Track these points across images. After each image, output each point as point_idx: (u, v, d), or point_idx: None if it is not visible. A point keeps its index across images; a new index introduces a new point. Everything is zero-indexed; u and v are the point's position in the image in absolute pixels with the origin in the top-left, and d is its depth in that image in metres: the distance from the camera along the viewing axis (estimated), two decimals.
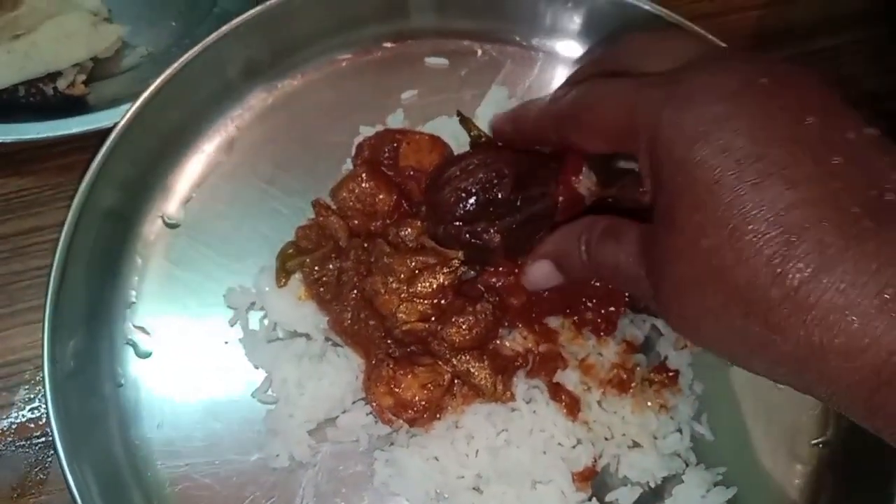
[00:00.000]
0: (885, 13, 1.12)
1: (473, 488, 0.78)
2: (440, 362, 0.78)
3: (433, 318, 0.79)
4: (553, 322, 0.83)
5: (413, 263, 0.80)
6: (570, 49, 1.02)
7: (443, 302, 0.80)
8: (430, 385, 0.77)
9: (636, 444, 0.82)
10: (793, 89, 0.54)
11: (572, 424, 0.80)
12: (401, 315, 0.79)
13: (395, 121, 0.96)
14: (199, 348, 0.85)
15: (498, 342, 0.81)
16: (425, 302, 0.79)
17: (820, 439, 0.86)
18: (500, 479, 0.77)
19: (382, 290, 0.79)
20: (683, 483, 0.82)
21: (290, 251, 0.84)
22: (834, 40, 1.11)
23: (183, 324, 0.87)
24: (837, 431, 0.86)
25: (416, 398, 0.77)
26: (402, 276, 0.80)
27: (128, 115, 0.86)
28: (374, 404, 0.79)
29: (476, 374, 0.78)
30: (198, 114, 0.94)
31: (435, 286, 0.79)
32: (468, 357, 0.78)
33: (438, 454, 0.77)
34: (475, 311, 0.78)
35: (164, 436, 0.82)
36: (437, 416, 0.79)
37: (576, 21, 0.99)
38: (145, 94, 0.87)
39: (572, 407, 0.80)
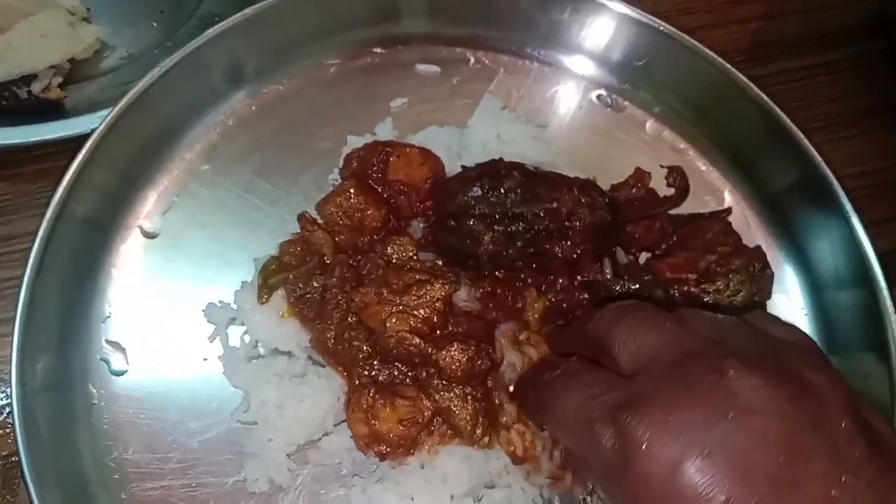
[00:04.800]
0: (881, 27, 1.11)
1: None
2: (422, 396, 0.76)
3: (422, 337, 0.77)
4: None
5: (408, 277, 0.79)
6: (564, 59, 1.00)
7: (435, 319, 0.77)
8: (407, 421, 0.75)
9: None
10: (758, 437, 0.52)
11: None
12: (390, 324, 0.77)
13: (384, 130, 0.93)
14: (177, 365, 0.82)
15: (491, 385, 0.78)
16: (417, 314, 0.77)
17: None
18: None
19: (375, 301, 0.77)
20: None
21: (273, 266, 0.81)
22: (830, 54, 1.10)
23: (160, 339, 0.84)
24: None
25: (392, 434, 0.75)
26: (395, 286, 0.78)
27: (106, 121, 0.83)
28: (352, 430, 0.77)
29: (457, 413, 0.75)
30: (179, 120, 0.91)
31: (428, 298, 0.77)
32: (452, 395, 0.76)
33: (413, 493, 0.75)
34: (478, 346, 0.76)
35: (138, 457, 0.79)
36: (411, 451, 0.77)
37: (571, 30, 0.97)
38: (125, 100, 0.84)
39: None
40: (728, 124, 0.95)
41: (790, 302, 0.92)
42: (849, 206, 0.86)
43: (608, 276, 0.82)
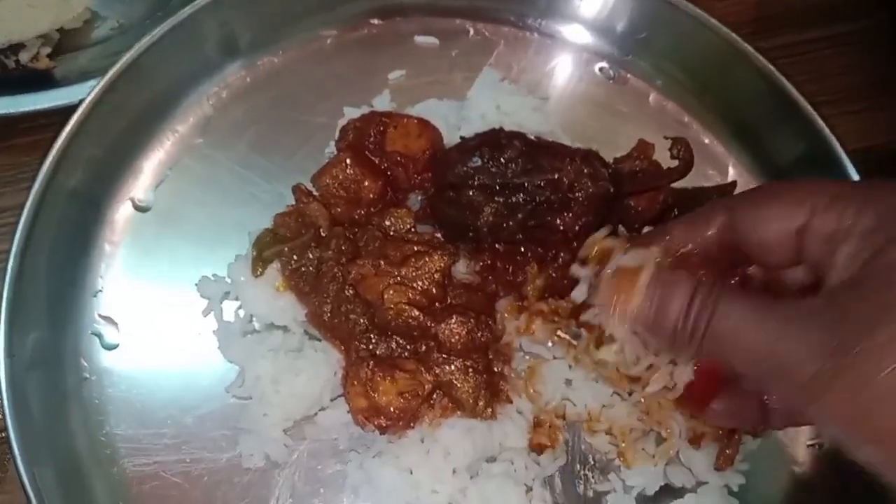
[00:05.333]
0: (886, 1, 1.08)
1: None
2: (423, 370, 0.74)
3: (421, 309, 0.76)
4: None
5: (406, 248, 0.77)
6: (565, 30, 0.97)
7: (434, 291, 0.76)
8: (407, 394, 0.73)
9: None
10: None
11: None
12: (388, 297, 0.75)
13: (382, 102, 0.91)
14: (170, 340, 0.81)
15: (491, 357, 0.77)
16: (415, 286, 0.76)
17: (815, 440, 0.83)
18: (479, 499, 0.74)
19: (373, 273, 0.76)
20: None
21: (268, 239, 0.80)
22: (836, 27, 1.08)
23: (153, 313, 0.82)
24: None
25: (391, 406, 0.73)
26: (393, 258, 0.76)
27: (96, 91, 0.81)
28: (350, 404, 0.75)
29: (459, 386, 0.74)
30: (171, 91, 0.89)
31: (426, 269, 0.76)
32: (453, 368, 0.74)
33: (413, 466, 0.73)
34: (478, 318, 0.75)
35: (131, 432, 0.78)
36: (412, 424, 0.75)
37: (573, 1, 0.95)
38: (115, 69, 0.82)
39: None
40: (732, 96, 0.93)
41: None
42: (857, 180, 0.84)
43: None
